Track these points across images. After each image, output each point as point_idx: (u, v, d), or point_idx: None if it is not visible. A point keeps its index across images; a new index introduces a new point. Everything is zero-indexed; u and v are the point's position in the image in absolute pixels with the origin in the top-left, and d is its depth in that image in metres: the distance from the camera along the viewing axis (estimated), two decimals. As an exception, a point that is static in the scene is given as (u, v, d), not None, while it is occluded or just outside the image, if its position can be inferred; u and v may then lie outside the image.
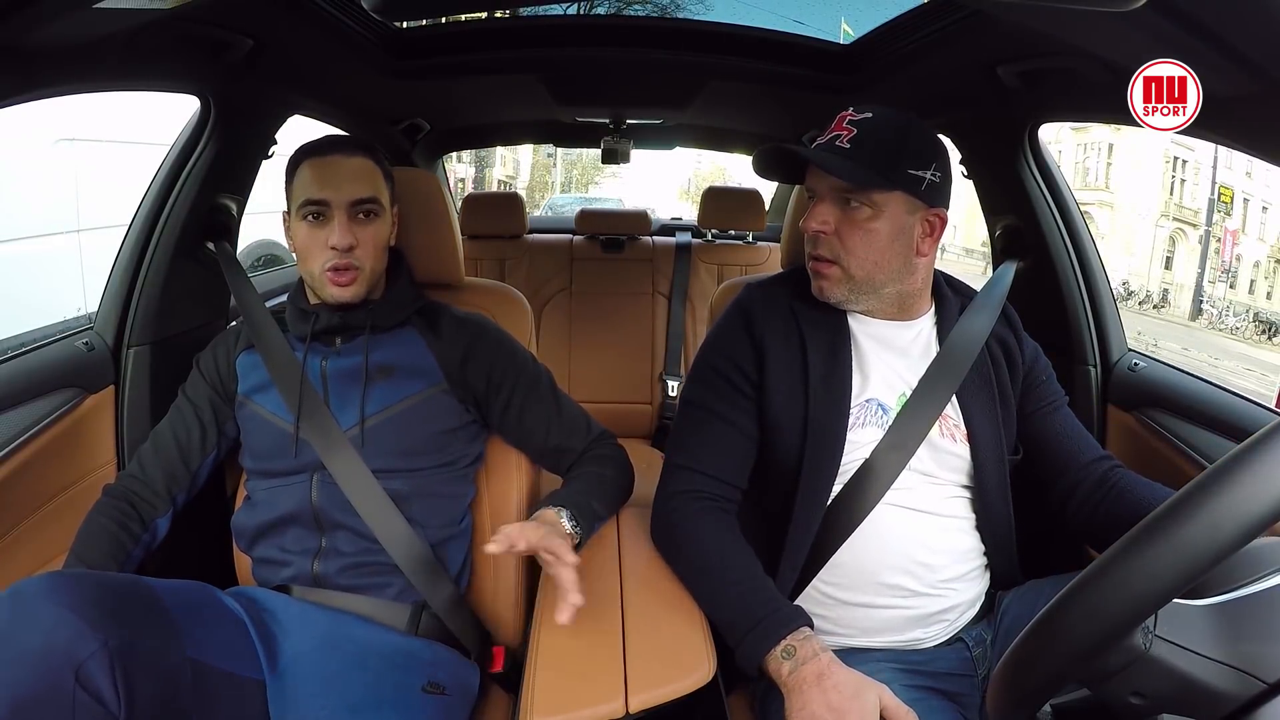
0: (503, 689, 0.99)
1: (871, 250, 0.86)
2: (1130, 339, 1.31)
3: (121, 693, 0.65)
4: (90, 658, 0.64)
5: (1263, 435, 0.41)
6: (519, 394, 1.00)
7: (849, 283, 0.87)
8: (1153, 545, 0.42)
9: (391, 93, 1.65)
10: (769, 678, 0.75)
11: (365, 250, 0.95)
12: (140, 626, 0.70)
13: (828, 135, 0.87)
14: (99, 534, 0.92)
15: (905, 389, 0.89)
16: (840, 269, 0.87)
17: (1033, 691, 0.49)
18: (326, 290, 0.95)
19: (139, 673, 0.67)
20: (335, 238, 0.92)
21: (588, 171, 26.53)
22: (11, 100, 0.84)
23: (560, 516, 0.86)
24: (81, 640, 0.65)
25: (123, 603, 0.71)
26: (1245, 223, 18.47)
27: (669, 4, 1.78)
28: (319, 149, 0.96)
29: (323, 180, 0.94)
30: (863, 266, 0.86)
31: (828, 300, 0.90)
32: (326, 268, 0.94)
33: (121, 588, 0.74)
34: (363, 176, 0.96)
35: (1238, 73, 0.73)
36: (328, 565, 0.93)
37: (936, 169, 0.85)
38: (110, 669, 0.65)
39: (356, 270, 0.95)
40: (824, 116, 0.94)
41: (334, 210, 0.93)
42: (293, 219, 0.96)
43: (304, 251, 0.96)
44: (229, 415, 1.01)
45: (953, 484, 0.89)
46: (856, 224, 0.85)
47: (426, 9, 1.17)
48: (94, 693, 0.64)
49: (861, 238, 0.85)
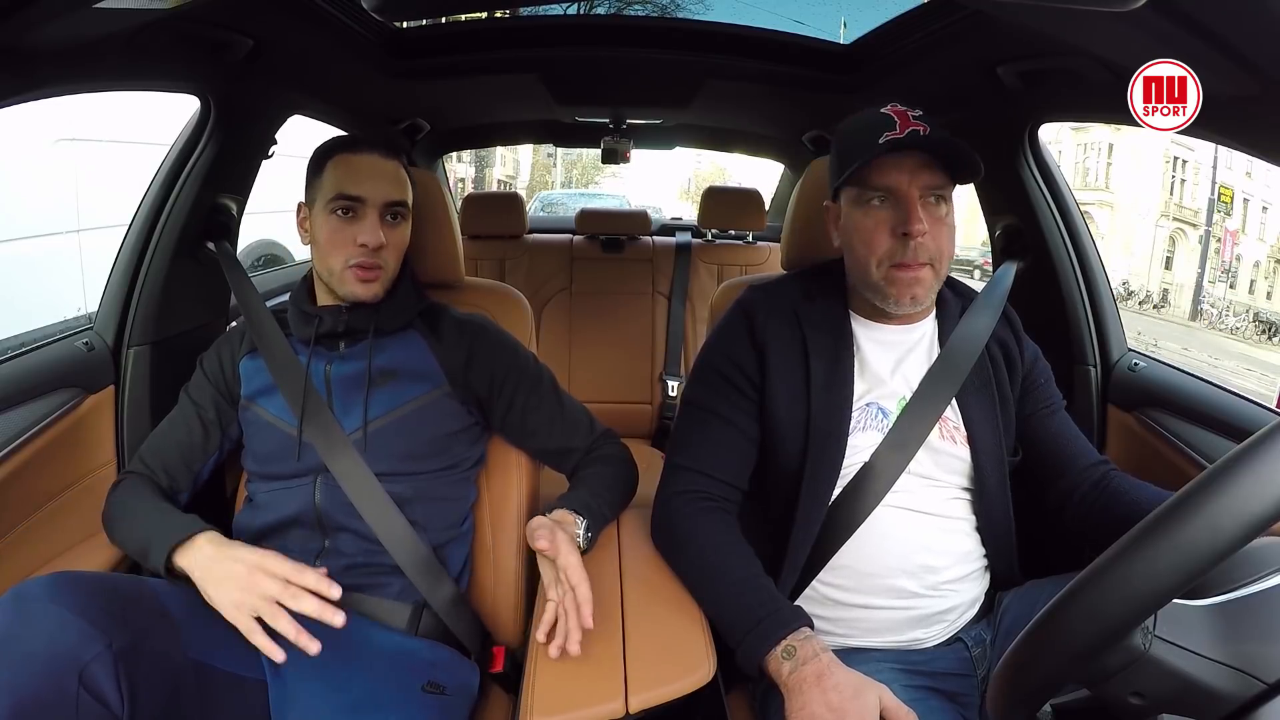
0: (503, 689, 0.99)
1: (951, 245, 0.85)
2: (1130, 339, 1.32)
3: (125, 694, 0.65)
4: (94, 659, 0.64)
5: (1262, 435, 0.41)
6: (521, 394, 1.00)
7: (936, 282, 0.86)
8: (1152, 546, 0.42)
9: (391, 93, 1.65)
10: (769, 678, 0.74)
11: (391, 252, 0.96)
12: (144, 628, 0.71)
13: (907, 129, 0.81)
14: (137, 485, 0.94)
15: (906, 392, 0.89)
16: (932, 270, 0.85)
17: (1033, 691, 0.49)
18: (347, 287, 0.95)
19: (142, 674, 0.68)
20: (367, 235, 0.93)
21: (588, 171, 26.51)
22: (11, 100, 0.84)
23: (578, 526, 0.86)
24: (85, 642, 0.65)
25: (126, 604, 0.71)
26: (1245, 223, 18.47)
27: (669, 4, 1.78)
28: (355, 145, 0.96)
29: (360, 177, 0.94)
30: (945, 263, 0.86)
31: (912, 305, 0.86)
32: (352, 263, 0.94)
33: (124, 589, 0.74)
34: (397, 179, 0.97)
35: (1238, 73, 0.73)
36: (329, 566, 0.92)
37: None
38: (114, 670, 0.65)
39: (380, 270, 0.95)
40: (824, 116, 0.94)
41: (368, 208, 0.94)
42: (318, 212, 0.95)
43: (328, 245, 0.95)
44: (233, 418, 1.01)
45: (953, 486, 0.89)
46: (942, 221, 0.84)
47: (426, 9, 1.17)
48: (98, 694, 0.64)
49: (948, 235, 0.85)
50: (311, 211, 0.97)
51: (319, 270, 0.98)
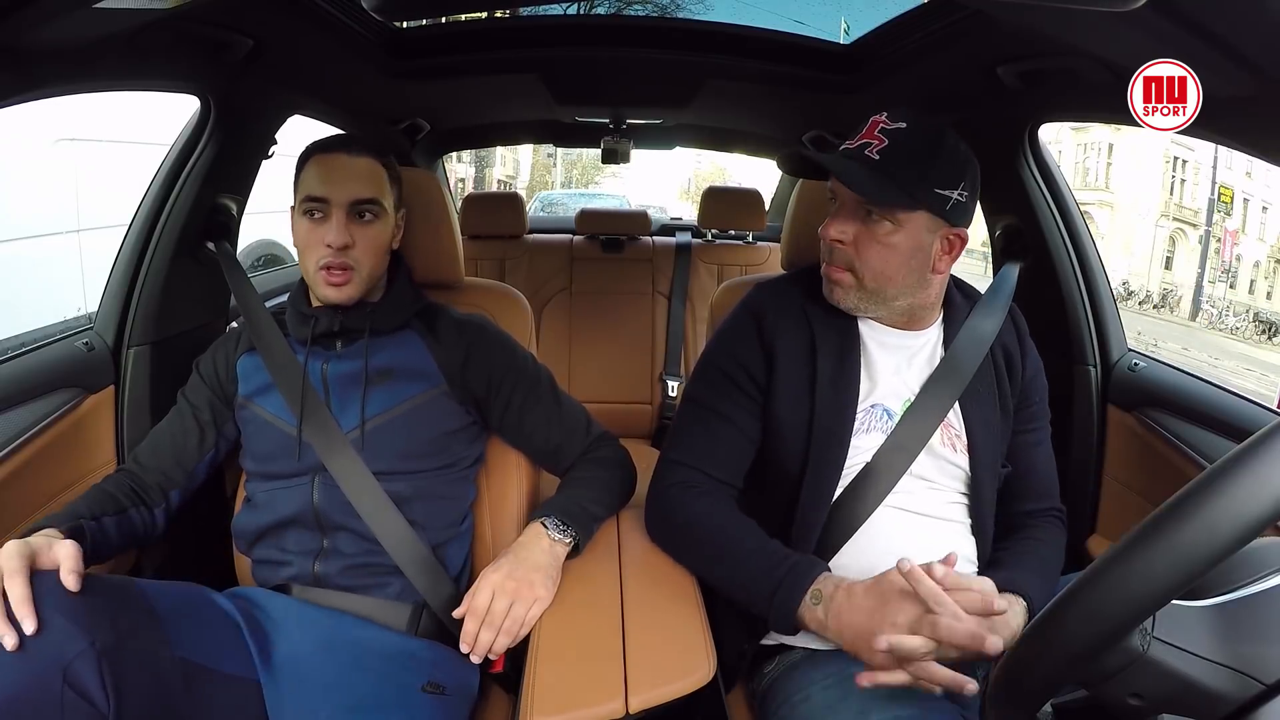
0: (503, 689, 0.99)
1: (887, 265, 0.85)
2: (1130, 339, 1.32)
3: (110, 692, 0.65)
4: (77, 657, 0.65)
5: (1260, 437, 0.41)
6: (519, 394, 1.00)
7: (860, 291, 0.87)
8: (1151, 547, 0.41)
9: (391, 93, 1.65)
10: (811, 630, 0.77)
11: (362, 251, 0.95)
12: (128, 627, 0.71)
13: (858, 141, 0.84)
14: (93, 492, 0.92)
15: (910, 395, 0.89)
16: (854, 277, 0.86)
17: (1032, 692, 0.49)
18: (319, 289, 0.95)
19: (127, 672, 0.68)
20: (331, 235, 0.93)
21: (588, 171, 26.51)
22: (11, 100, 0.84)
23: (545, 527, 0.88)
24: (68, 640, 0.65)
25: (110, 604, 0.71)
26: (1245, 223, 18.47)
27: (669, 4, 1.78)
28: (327, 147, 0.96)
29: (325, 178, 0.94)
30: (876, 278, 0.85)
31: (837, 305, 0.89)
32: (321, 265, 0.94)
33: (109, 588, 0.74)
34: (366, 177, 0.96)
35: (1238, 73, 0.73)
36: (328, 566, 0.93)
37: (964, 188, 0.84)
38: (98, 668, 0.65)
39: (351, 270, 0.94)
40: (824, 117, 0.94)
41: (333, 208, 0.94)
42: (295, 215, 0.96)
43: (302, 248, 0.96)
44: (228, 417, 1.01)
45: (951, 490, 0.89)
46: (875, 237, 0.84)
47: (426, 9, 1.17)
48: (82, 692, 0.64)
49: (878, 251, 0.84)
50: (294, 215, 0.97)
51: (302, 273, 0.99)
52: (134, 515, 0.93)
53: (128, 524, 0.92)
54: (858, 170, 0.82)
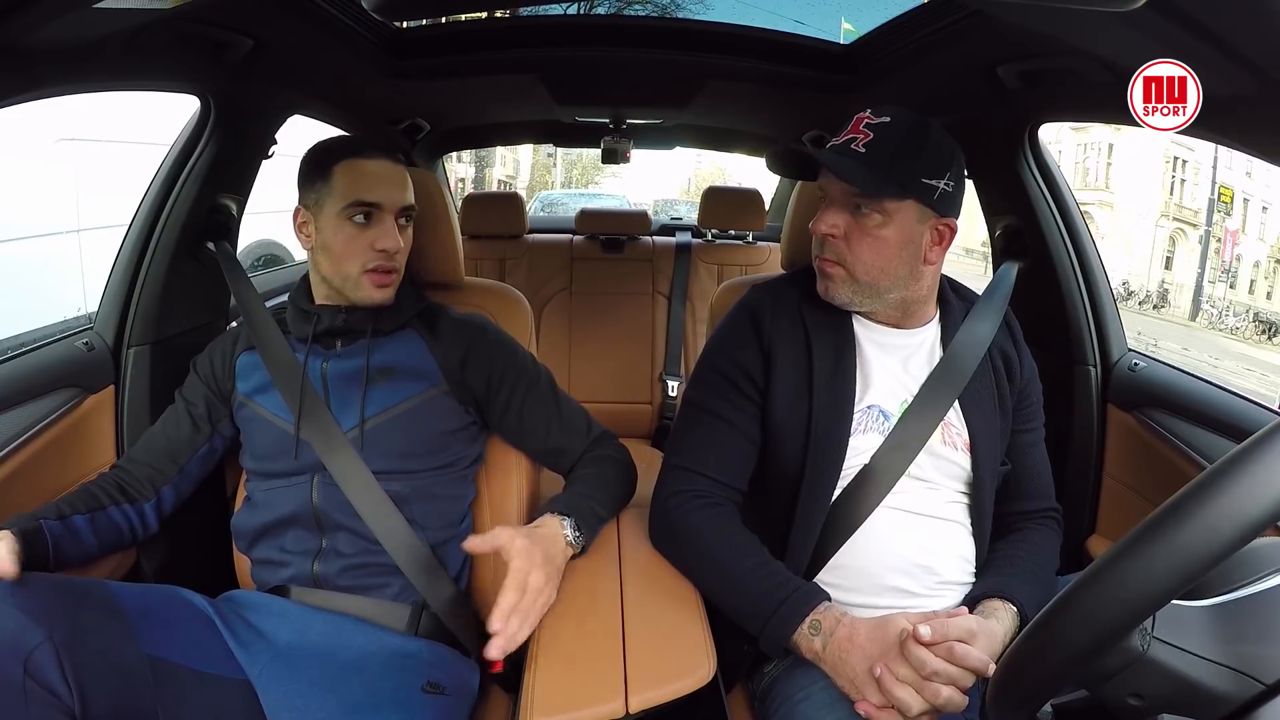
0: (503, 689, 0.99)
1: (878, 257, 0.85)
2: (1130, 339, 1.32)
3: (73, 685, 0.67)
4: (36, 649, 0.66)
5: (1259, 438, 0.41)
6: (519, 394, 1.00)
7: (853, 285, 0.87)
8: (1151, 547, 0.41)
9: (391, 93, 1.65)
10: (799, 654, 0.78)
11: (404, 255, 0.99)
12: (89, 624, 0.72)
13: (844, 137, 0.86)
14: (77, 490, 0.93)
15: (907, 396, 0.89)
16: (845, 271, 0.87)
17: (1032, 692, 0.49)
18: (363, 292, 0.96)
19: (90, 667, 0.69)
20: (387, 240, 0.94)
21: (588, 171, 26.51)
22: (11, 100, 0.84)
23: (564, 527, 0.87)
24: (26, 633, 0.67)
25: (69, 602, 0.72)
26: (1245, 223, 18.47)
27: (669, 4, 1.78)
28: (364, 151, 0.96)
29: (374, 182, 0.95)
30: (868, 272, 0.86)
31: (831, 300, 0.90)
32: (369, 268, 0.95)
33: (72, 587, 0.75)
34: (407, 183, 0.99)
35: (1238, 73, 0.73)
36: (328, 566, 0.93)
37: (951, 178, 0.85)
38: (58, 661, 0.67)
39: (395, 273, 0.97)
40: (824, 117, 0.94)
41: (385, 213, 0.95)
42: (331, 217, 0.95)
43: (344, 252, 0.95)
44: (224, 414, 1.01)
45: (951, 489, 0.89)
46: (866, 230, 0.85)
47: (426, 9, 1.17)
48: (44, 684, 0.66)
49: (869, 244, 0.85)
50: (317, 216, 0.96)
51: (328, 275, 0.98)
52: (115, 513, 0.93)
53: (106, 521, 0.92)
54: (845, 161, 0.83)
